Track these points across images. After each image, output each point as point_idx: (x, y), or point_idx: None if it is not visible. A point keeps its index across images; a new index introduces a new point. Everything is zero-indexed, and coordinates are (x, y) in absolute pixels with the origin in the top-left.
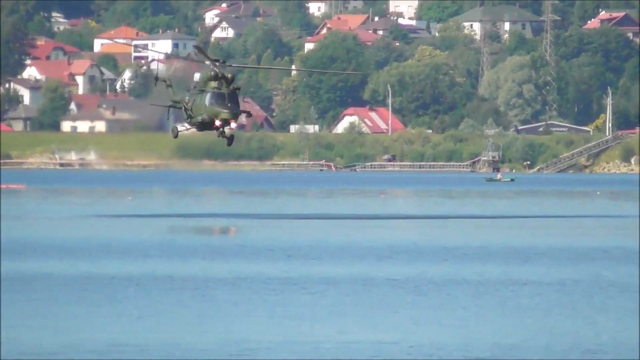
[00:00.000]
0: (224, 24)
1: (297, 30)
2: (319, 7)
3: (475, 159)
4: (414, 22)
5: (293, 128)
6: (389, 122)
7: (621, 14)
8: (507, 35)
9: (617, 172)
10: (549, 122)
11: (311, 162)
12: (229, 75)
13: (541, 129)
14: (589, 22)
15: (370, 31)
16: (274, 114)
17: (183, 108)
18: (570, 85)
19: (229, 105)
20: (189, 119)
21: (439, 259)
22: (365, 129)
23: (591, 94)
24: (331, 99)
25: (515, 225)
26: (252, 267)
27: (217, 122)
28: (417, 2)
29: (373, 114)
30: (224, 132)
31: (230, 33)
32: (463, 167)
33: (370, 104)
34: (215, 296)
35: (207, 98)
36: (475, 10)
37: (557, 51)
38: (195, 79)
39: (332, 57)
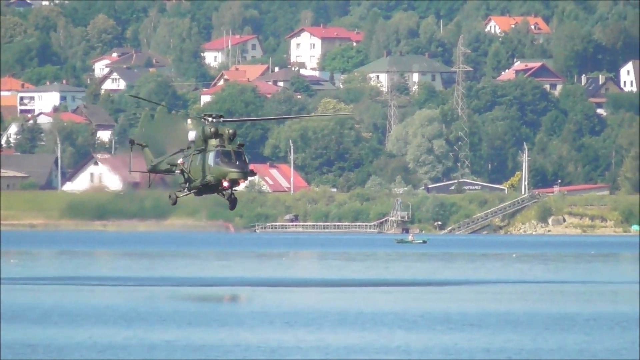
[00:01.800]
0: (115, 75)
1: (192, 81)
2: (216, 57)
3: (383, 219)
4: (316, 73)
5: None
6: (291, 179)
7: (537, 64)
8: (415, 87)
9: (534, 233)
10: (461, 180)
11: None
12: (230, 131)
13: (453, 187)
14: (503, 73)
15: (270, 82)
16: None
17: (180, 172)
18: (483, 140)
19: (237, 163)
20: (186, 183)
21: (344, 328)
22: (265, 187)
23: (506, 150)
24: None
25: (430, 292)
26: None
27: (225, 184)
28: (319, 51)
29: (274, 171)
30: (232, 194)
31: (122, 84)
32: (370, 228)
33: (271, 160)
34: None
35: (212, 157)
36: (381, 61)
37: (469, 104)
38: (190, 138)
39: (229, 110)
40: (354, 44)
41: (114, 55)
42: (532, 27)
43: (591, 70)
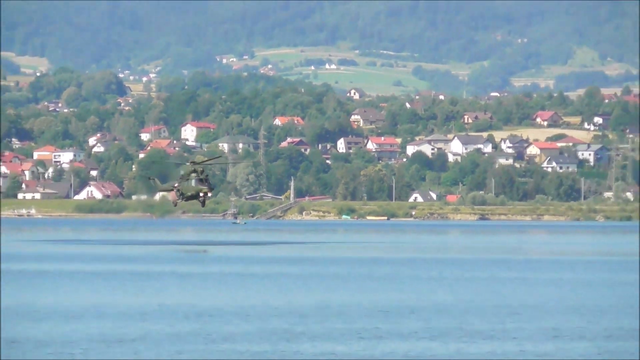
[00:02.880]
0: None
1: None
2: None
3: (225, 212)
4: None
5: None
6: None
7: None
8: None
9: (296, 219)
10: (262, 194)
11: None
12: (200, 169)
13: (258, 197)
14: None
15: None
16: None
17: (175, 190)
18: (273, 176)
19: (206, 184)
20: (181, 195)
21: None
22: None
23: (286, 178)
24: None
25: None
26: None
27: (201, 194)
28: None
29: None
30: (205, 200)
31: None
32: (220, 217)
33: None
34: None
35: (194, 182)
36: None
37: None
38: (181, 173)
39: None
40: None
41: None
42: None
43: None
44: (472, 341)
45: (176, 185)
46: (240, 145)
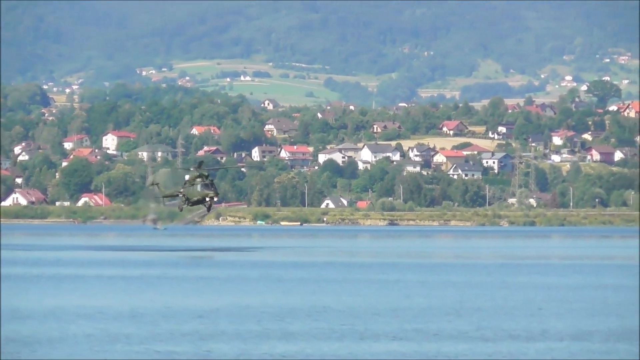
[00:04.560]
0: None
1: None
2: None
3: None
4: None
5: None
6: None
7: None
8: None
9: (211, 225)
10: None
11: None
12: (206, 173)
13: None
14: None
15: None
16: None
17: (180, 195)
18: None
19: (212, 189)
20: (186, 200)
21: None
22: None
23: None
24: None
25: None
26: None
27: (207, 199)
28: None
29: None
30: (211, 205)
31: None
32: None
33: None
34: None
35: (199, 187)
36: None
37: None
38: (186, 178)
39: None
40: None
41: None
42: None
43: None
44: (373, 342)
45: (182, 190)
46: (159, 154)
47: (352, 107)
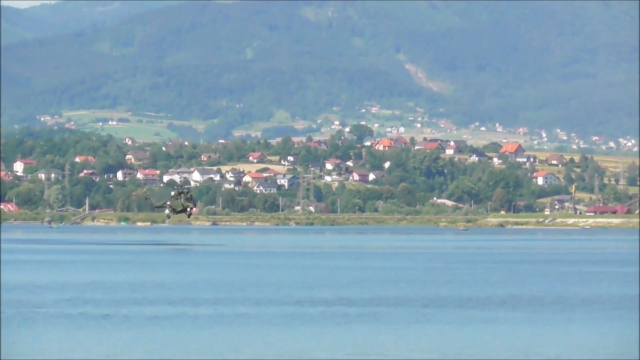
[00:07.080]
0: None
1: None
2: None
3: (44, 220)
4: None
5: None
6: None
7: None
8: None
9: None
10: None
11: None
12: (186, 191)
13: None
14: None
15: None
16: None
17: (167, 205)
18: None
19: (192, 201)
20: (172, 210)
21: None
22: None
23: None
24: None
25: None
26: None
27: (188, 209)
28: None
29: None
30: (191, 213)
31: None
32: (43, 223)
33: None
34: None
35: (182, 200)
36: None
37: None
38: (170, 194)
39: None
40: None
41: None
42: None
43: None
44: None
45: (169, 203)
46: (53, 175)
47: (186, 143)
